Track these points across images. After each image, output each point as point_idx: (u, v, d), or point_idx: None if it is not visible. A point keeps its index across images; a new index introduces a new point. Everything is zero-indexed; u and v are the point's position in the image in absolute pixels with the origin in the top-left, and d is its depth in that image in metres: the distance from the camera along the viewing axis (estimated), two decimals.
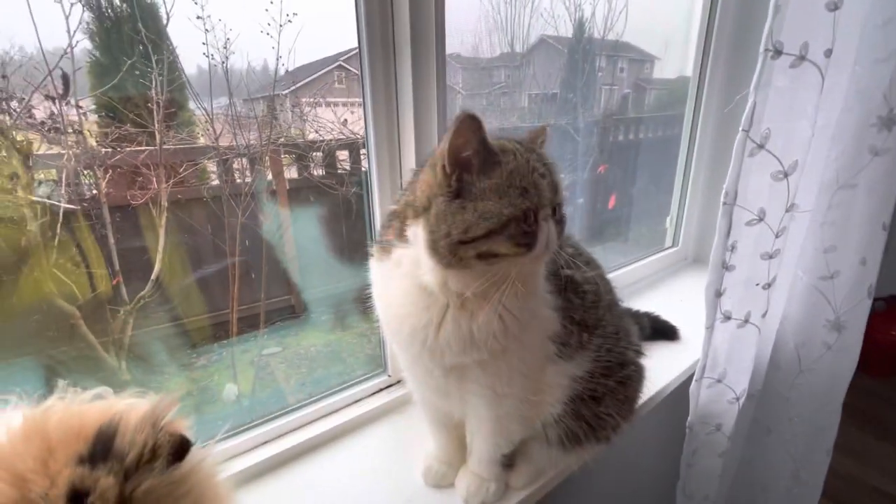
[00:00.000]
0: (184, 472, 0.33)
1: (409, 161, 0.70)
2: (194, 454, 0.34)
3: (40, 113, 0.87)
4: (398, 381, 0.76)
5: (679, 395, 0.86)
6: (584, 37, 1.49)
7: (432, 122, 0.68)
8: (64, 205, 0.91)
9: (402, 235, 0.41)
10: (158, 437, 0.32)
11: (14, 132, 0.82)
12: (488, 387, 0.47)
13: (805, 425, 0.98)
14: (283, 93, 1.19)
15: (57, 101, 0.88)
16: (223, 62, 1.02)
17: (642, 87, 1.82)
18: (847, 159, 0.76)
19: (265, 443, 0.66)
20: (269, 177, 1.19)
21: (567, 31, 1.45)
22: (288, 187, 1.23)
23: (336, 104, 1.36)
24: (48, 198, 0.91)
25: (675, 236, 1.46)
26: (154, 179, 1.02)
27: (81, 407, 0.36)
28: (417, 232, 0.39)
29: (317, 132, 1.32)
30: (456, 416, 0.57)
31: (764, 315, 0.79)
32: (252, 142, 1.16)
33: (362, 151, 1.41)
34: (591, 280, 0.52)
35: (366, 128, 0.71)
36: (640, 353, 0.65)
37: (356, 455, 0.64)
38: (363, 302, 0.53)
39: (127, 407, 0.35)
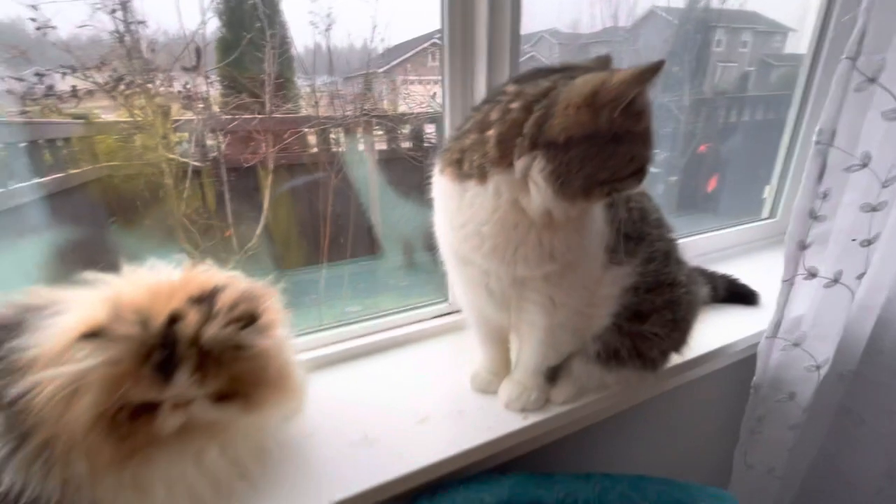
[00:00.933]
0: (245, 342, 0.41)
1: None
2: (258, 335, 0.41)
3: (178, 85, 1.02)
4: (458, 311, 0.78)
5: (752, 358, 0.77)
6: (698, 5, 1.31)
7: None
8: (193, 163, 1.06)
9: (502, 163, 0.41)
10: (240, 305, 0.41)
11: (158, 99, 0.97)
12: (548, 296, 0.50)
13: None
14: (380, 70, 1.26)
15: (191, 71, 1.02)
16: (327, 29, 1.09)
17: (768, 63, 1.61)
18: None
19: (338, 342, 0.72)
20: (361, 147, 1.27)
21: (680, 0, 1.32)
22: (377, 157, 1.30)
23: (428, 81, 1.39)
24: (181, 156, 1.07)
25: (774, 207, 1.27)
26: (263, 145, 1.14)
27: (219, 274, 0.46)
28: (533, 164, 0.40)
29: (405, 103, 1.37)
30: (507, 330, 0.60)
31: (860, 276, 0.66)
32: (348, 113, 1.24)
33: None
34: (636, 199, 0.53)
35: (443, 104, 0.73)
36: (692, 279, 0.61)
37: (415, 360, 0.70)
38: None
39: (243, 282, 0.44)
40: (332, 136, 1.27)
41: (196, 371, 0.38)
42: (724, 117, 1.51)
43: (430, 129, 1.31)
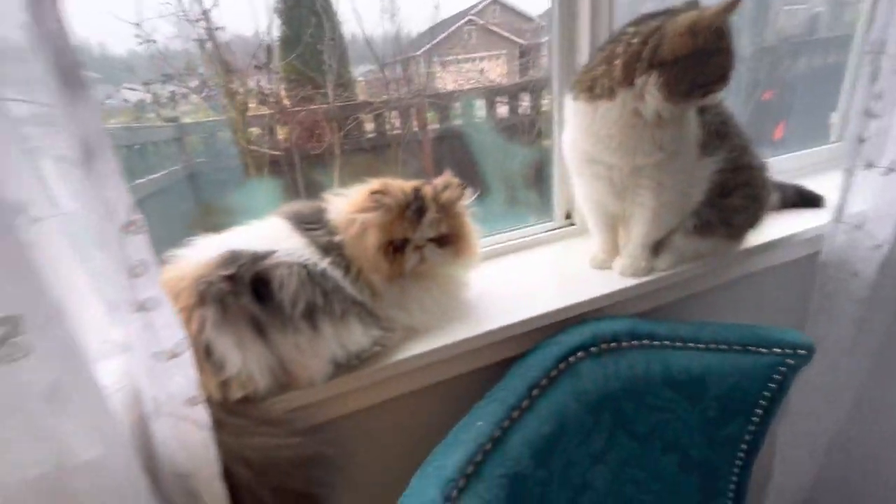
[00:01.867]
0: (461, 202, 0.70)
1: None
2: (466, 199, 0.71)
3: (251, 83, 1.24)
4: (562, 226, 1.02)
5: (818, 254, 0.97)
6: None
7: None
8: (270, 152, 1.31)
9: (625, 83, 0.64)
10: (452, 182, 0.69)
11: (238, 97, 1.22)
12: (657, 180, 0.72)
13: None
14: (417, 53, 1.42)
15: (263, 68, 1.27)
16: (392, 15, 1.30)
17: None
18: None
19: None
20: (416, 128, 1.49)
21: None
22: (432, 136, 1.52)
23: (474, 59, 1.58)
24: (259, 147, 1.32)
25: (842, 131, 1.40)
26: (328, 132, 1.38)
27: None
28: (648, 80, 0.62)
29: (455, 82, 1.57)
30: (618, 219, 0.83)
31: None
32: (402, 96, 1.45)
33: (497, 99, 1.65)
34: (720, 109, 0.76)
35: (551, 65, 0.94)
36: (763, 167, 0.81)
37: (537, 257, 0.95)
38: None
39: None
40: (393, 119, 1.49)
41: (434, 216, 0.66)
42: (789, 64, 1.62)
43: (480, 103, 1.52)
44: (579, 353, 0.69)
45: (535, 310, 0.74)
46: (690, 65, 0.60)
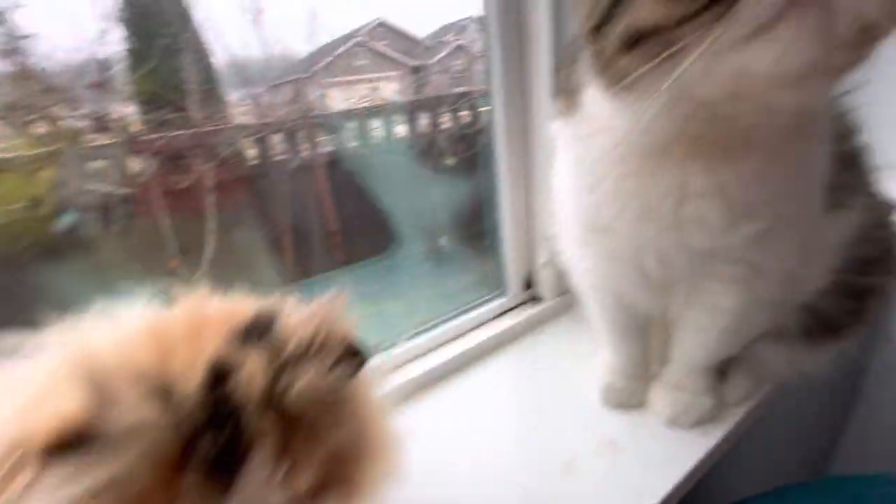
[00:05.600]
0: (351, 385, 0.29)
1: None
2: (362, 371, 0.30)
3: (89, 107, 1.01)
4: (518, 304, 0.71)
5: None
6: None
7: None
8: (118, 191, 1.06)
9: None
10: (329, 332, 0.28)
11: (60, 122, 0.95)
12: (752, 266, 0.40)
13: None
14: (303, 76, 1.32)
15: (97, 88, 1.03)
16: (254, 19, 1.15)
17: None
18: None
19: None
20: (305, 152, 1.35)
21: None
22: (325, 161, 1.38)
23: (368, 80, 1.51)
24: (103, 185, 1.06)
25: None
26: (198, 161, 1.17)
27: (239, 301, 0.33)
28: None
29: (346, 101, 1.48)
30: (659, 318, 0.51)
31: None
32: (284, 117, 1.31)
33: (393, 117, 1.56)
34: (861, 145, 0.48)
35: (490, 78, 0.71)
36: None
37: (496, 379, 0.60)
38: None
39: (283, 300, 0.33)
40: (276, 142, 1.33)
41: (279, 455, 0.25)
42: None
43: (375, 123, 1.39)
44: None
45: None
46: None
